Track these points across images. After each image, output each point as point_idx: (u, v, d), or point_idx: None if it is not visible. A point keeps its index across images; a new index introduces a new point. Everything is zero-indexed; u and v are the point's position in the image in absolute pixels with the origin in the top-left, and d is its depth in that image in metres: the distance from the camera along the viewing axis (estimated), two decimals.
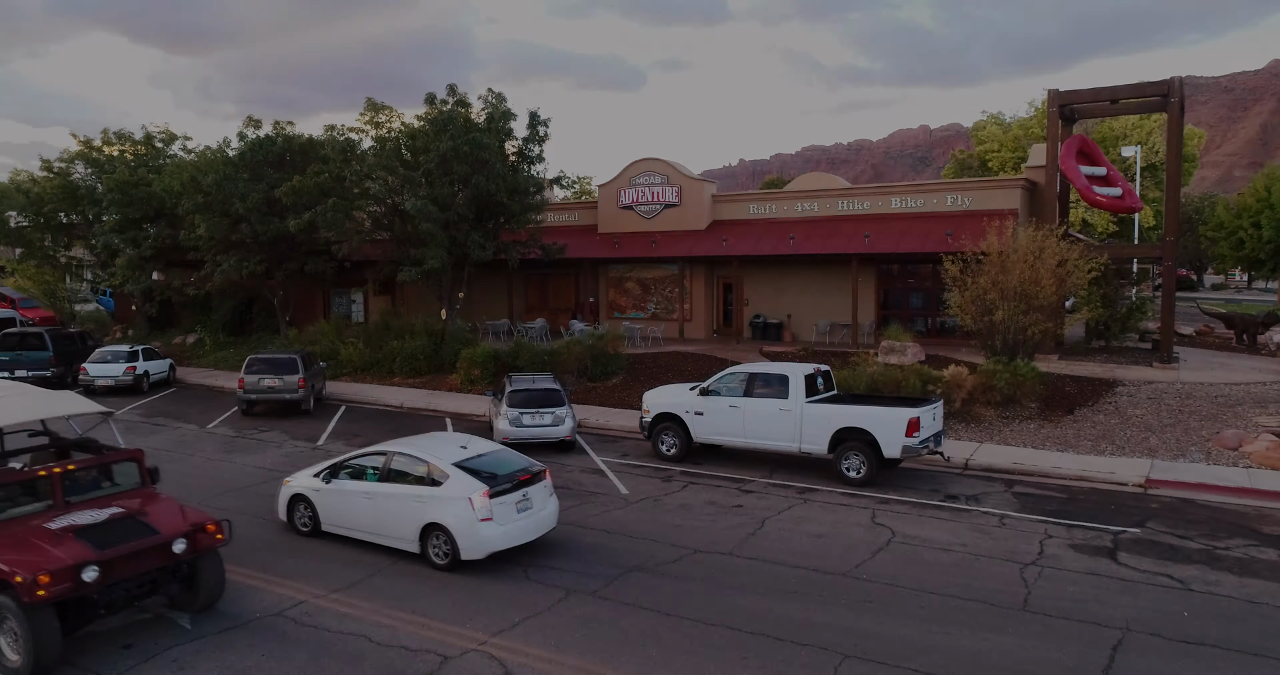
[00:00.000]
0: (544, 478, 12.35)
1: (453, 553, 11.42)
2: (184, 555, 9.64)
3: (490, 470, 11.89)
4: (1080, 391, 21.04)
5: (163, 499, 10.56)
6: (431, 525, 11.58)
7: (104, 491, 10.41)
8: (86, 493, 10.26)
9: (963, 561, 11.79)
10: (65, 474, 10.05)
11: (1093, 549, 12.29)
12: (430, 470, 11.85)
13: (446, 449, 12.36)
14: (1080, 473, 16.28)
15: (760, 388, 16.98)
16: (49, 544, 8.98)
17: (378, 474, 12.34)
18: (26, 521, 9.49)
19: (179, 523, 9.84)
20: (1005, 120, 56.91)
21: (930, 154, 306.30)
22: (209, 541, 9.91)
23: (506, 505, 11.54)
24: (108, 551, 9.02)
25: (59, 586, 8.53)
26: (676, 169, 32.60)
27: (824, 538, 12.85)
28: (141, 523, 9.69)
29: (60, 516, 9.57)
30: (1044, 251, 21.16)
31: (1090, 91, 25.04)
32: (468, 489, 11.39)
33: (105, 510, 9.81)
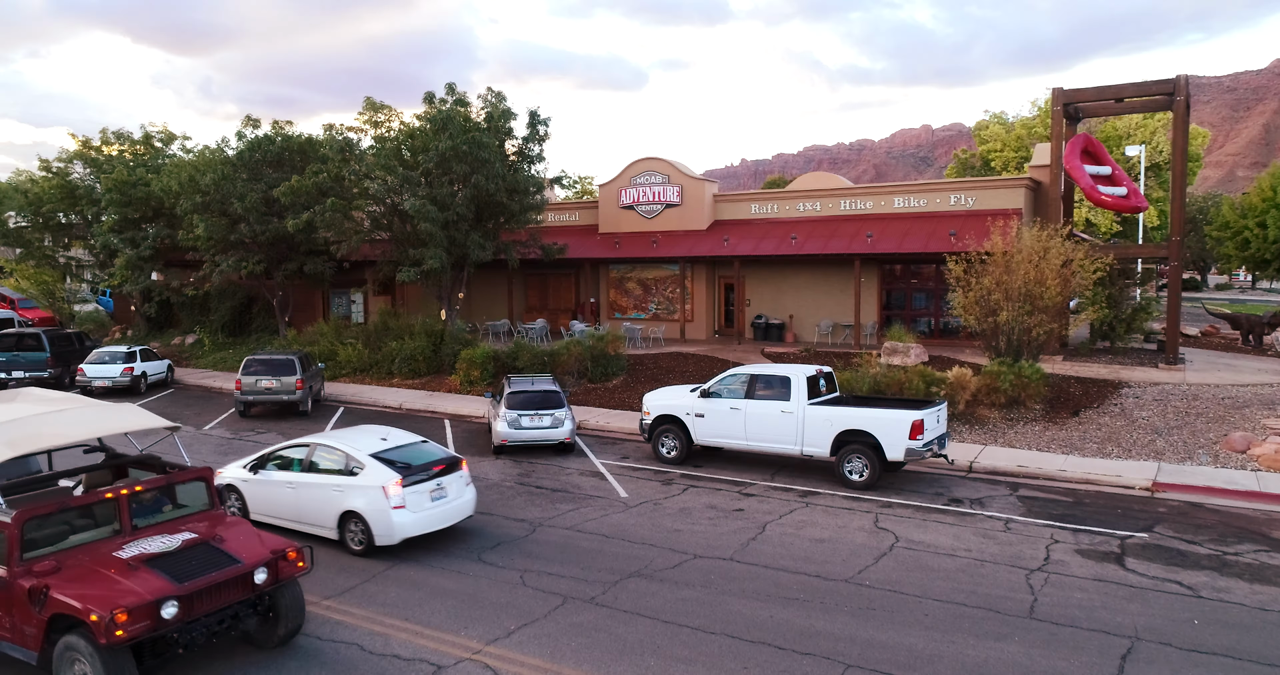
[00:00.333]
0: (460, 468, 12.97)
1: (368, 539, 12.06)
2: (265, 585, 8.81)
3: (405, 461, 12.50)
4: (1085, 393, 20.81)
5: (237, 522, 9.75)
6: (349, 513, 12.20)
7: (172, 514, 9.47)
8: (153, 516, 9.33)
9: (967, 567, 11.58)
10: (133, 496, 9.07)
11: (1100, 554, 12.07)
12: (348, 461, 12.48)
13: (366, 441, 12.96)
14: (1086, 476, 16.05)
15: (762, 389, 16.77)
16: (122, 576, 8.09)
17: (301, 465, 12.96)
18: (93, 550, 8.55)
19: (259, 549, 9.01)
20: (1008, 119, 56.71)
21: (932, 154, 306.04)
22: (290, 570, 9.07)
23: (420, 494, 12.16)
24: (187, 584, 8.17)
25: (138, 625, 7.67)
26: (677, 169, 32.39)
27: (826, 543, 12.64)
28: (219, 550, 8.83)
29: (129, 544, 8.67)
30: (1049, 252, 20.93)
31: (1095, 90, 24.80)
32: (381, 478, 12.02)
33: (177, 536, 8.94)
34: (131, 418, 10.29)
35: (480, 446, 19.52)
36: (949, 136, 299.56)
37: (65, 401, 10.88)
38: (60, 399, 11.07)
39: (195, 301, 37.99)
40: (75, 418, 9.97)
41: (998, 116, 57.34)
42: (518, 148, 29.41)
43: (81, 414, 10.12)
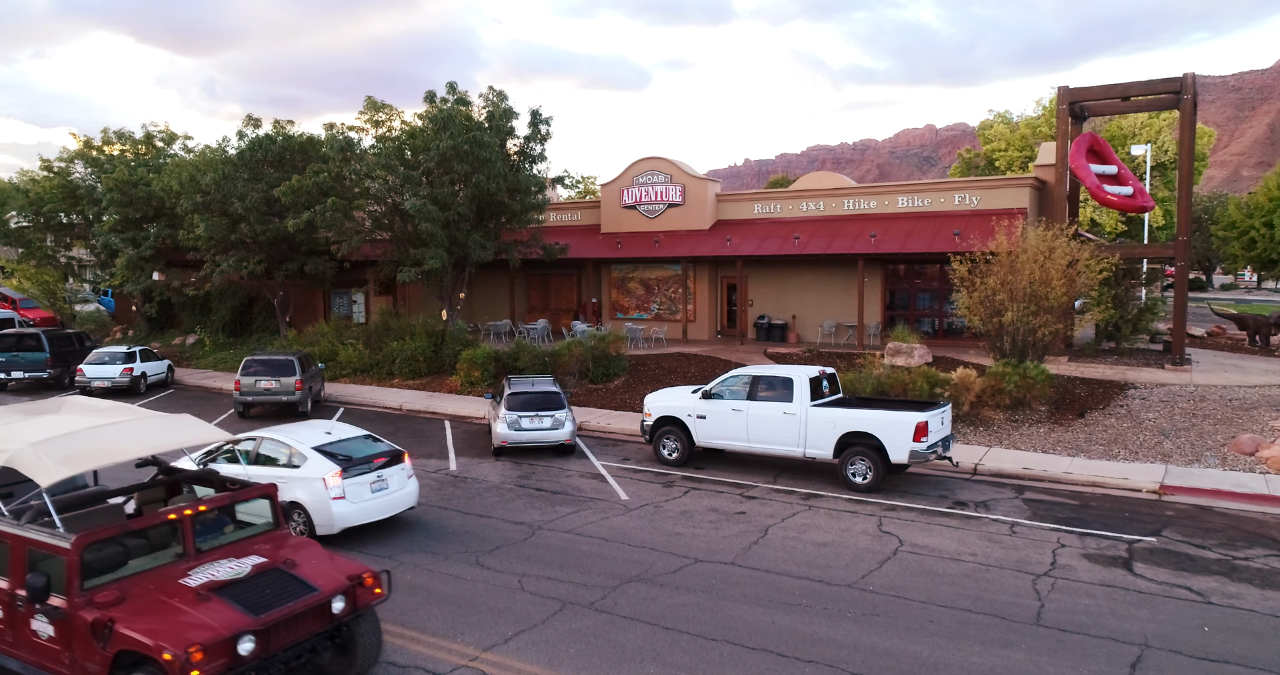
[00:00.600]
0: (401, 461, 13.41)
1: (309, 529, 12.44)
2: (342, 615, 8.08)
3: (347, 454, 13.01)
4: (1091, 394, 20.61)
5: (305, 543, 8.90)
6: (291, 504, 12.53)
7: (235, 535, 8.70)
8: (215, 537, 8.57)
9: (973, 572, 11.39)
10: (197, 516, 8.33)
11: (1107, 559, 11.88)
12: (292, 454, 12.96)
13: (310, 434, 13.46)
14: (1092, 478, 15.86)
15: (764, 391, 16.59)
16: (193, 607, 7.36)
17: (249, 458, 13.26)
18: (157, 577, 7.77)
19: (335, 575, 8.23)
20: (1013, 119, 56.48)
21: (936, 153, 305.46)
22: (368, 597, 8.32)
23: (360, 485, 12.62)
24: (263, 616, 7.42)
25: (214, 664, 6.98)
26: (680, 168, 32.21)
27: (829, 547, 12.45)
28: (293, 576, 8.04)
29: (195, 569, 7.92)
30: (1054, 251, 20.74)
31: (1101, 88, 24.58)
32: (322, 470, 12.50)
33: (245, 561, 8.17)
34: (191, 431, 9.56)
35: (481, 448, 19.36)
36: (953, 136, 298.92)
37: (116, 412, 10.02)
38: (110, 409, 10.23)
39: (196, 302, 37.88)
40: (132, 431, 9.12)
41: (1002, 116, 57.14)
42: (519, 147, 29.27)
43: (138, 427, 9.30)
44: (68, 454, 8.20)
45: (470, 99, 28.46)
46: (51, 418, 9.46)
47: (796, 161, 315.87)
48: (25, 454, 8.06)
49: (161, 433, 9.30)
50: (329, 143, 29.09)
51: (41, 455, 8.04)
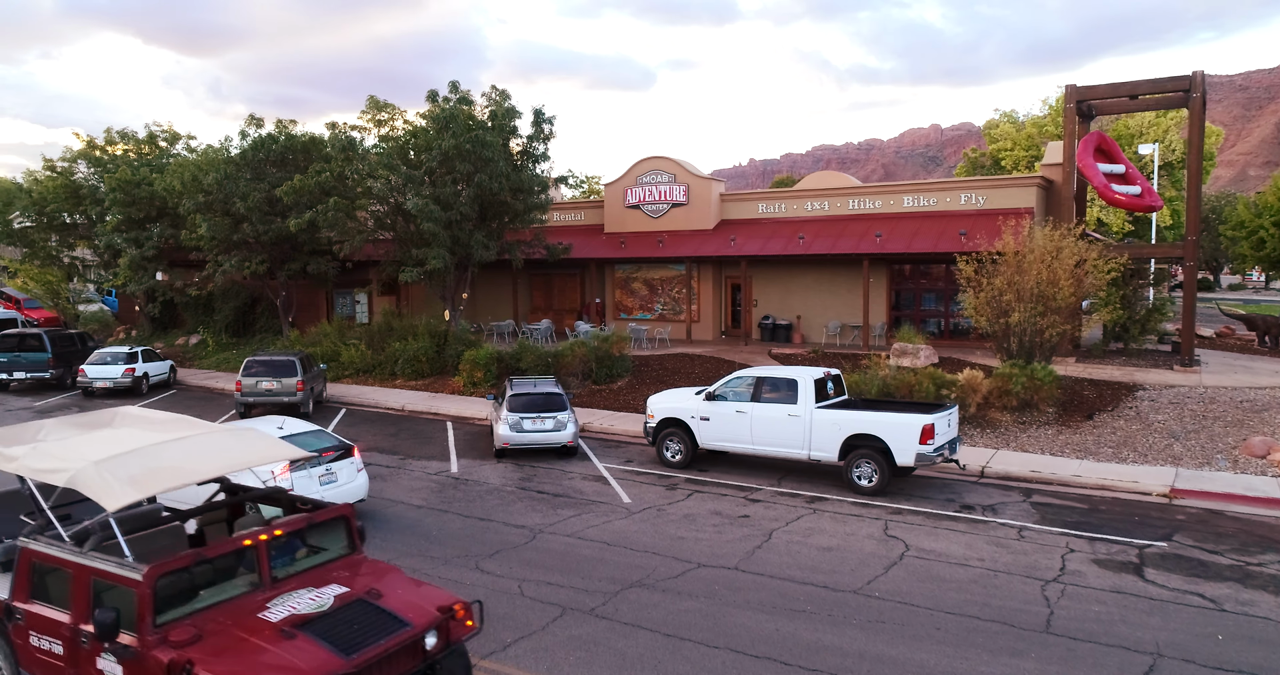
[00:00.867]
0: (351, 455, 13.89)
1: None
2: (435, 652, 7.30)
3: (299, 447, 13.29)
4: (1099, 396, 20.38)
5: (386, 568, 8.12)
6: None
7: (309, 562, 7.87)
8: (289, 564, 7.73)
9: (980, 578, 11.19)
10: (273, 542, 7.53)
11: (1117, 565, 11.67)
12: None
13: (263, 429, 13.46)
14: (1101, 481, 15.64)
15: (768, 392, 16.41)
16: (277, 646, 6.55)
17: None
18: (235, 611, 6.97)
19: (424, 606, 7.41)
20: (1019, 118, 56.17)
21: (941, 153, 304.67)
22: (460, 630, 7.57)
23: (309, 478, 12.95)
24: (356, 656, 6.61)
25: None
26: (684, 167, 32.03)
27: (834, 551, 12.26)
28: (381, 609, 7.21)
29: (274, 601, 7.11)
30: (1062, 251, 20.52)
31: (1109, 86, 24.36)
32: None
33: (326, 591, 7.33)
34: (260, 447, 8.67)
35: (482, 449, 19.20)
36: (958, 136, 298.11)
37: (175, 426, 9.11)
38: (169, 423, 9.33)
39: (199, 302, 37.82)
40: (198, 448, 8.26)
41: (1008, 115, 56.81)
42: (522, 146, 29.12)
43: (203, 443, 8.43)
44: (133, 474, 7.40)
45: (473, 98, 28.32)
46: (108, 432, 8.66)
47: (801, 161, 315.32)
48: (88, 474, 7.27)
49: (229, 450, 8.44)
50: (331, 142, 28.97)
51: (106, 476, 7.24)
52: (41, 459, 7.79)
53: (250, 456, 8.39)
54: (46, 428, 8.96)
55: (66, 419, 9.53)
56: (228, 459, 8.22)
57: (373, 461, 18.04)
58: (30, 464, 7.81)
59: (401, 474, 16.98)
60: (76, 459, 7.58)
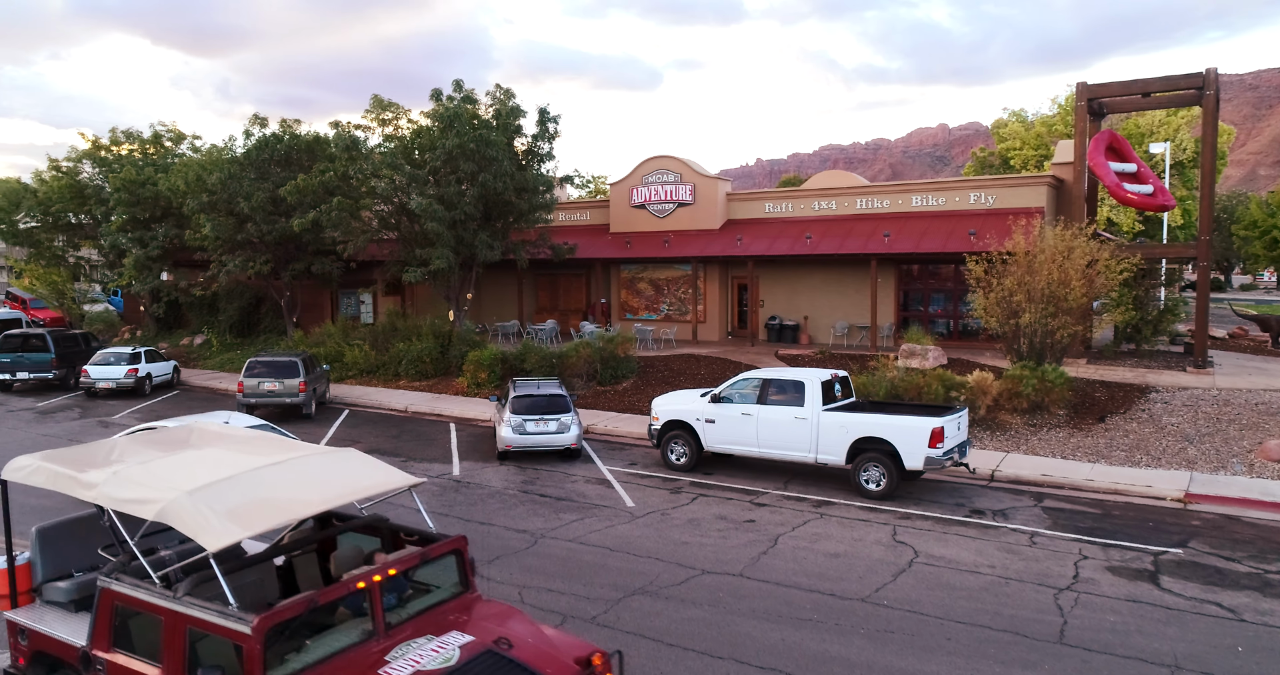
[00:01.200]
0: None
1: None
2: None
3: None
4: (1111, 398, 20.07)
5: (509, 612, 7.06)
6: None
7: (422, 603, 6.86)
8: (401, 607, 6.76)
9: (991, 585, 10.92)
10: (387, 582, 6.58)
11: (1132, 572, 11.39)
12: None
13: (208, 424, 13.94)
14: (1114, 486, 15.34)
15: (774, 394, 16.15)
16: None
17: None
18: (350, 665, 6.01)
19: (559, 658, 6.43)
20: (1028, 117, 55.76)
21: (949, 153, 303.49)
22: None
23: None
24: None
25: None
26: (690, 167, 31.78)
27: (841, 557, 12.00)
28: (515, 663, 6.19)
29: (393, 654, 6.12)
30: (1073, 251, 20.21)
31: (1120, 84, 24.03)
32: None
33: (448, 640, 6.33)
34: (370, 474, 7.49)
35: (484, 452, 18.99)
36: (966, 136, 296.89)
37: (263, 446, 8.12)
38: (254, 441, 8.38)
39: (204, 302, 37.72)
40: (301, 475, 7.18)
41: (1017, 114, 56.42)
42: (527, 146, 28.92)
43: (306, 469, 7.30)
44: (234, 508, 6.37)
45: (477, 97, 28.13)
46: (192, 454, 7.66)
47: (809, 161, 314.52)
48: (183, 507, 6.28)
49: (337, 477, 7.30)
50: (335, 142, 28.80)
51: (204, 509, 6.25)
52: (125, 487, 6.76)
53: (364, 484, 7.22)
54: (119, 447, 7.97)
55: (140, 436, 8.58)
56: (339, 488, 7.05)
57: None
58: (112, 493, 6.74)
59: None
60: (165, 488, 6.60)
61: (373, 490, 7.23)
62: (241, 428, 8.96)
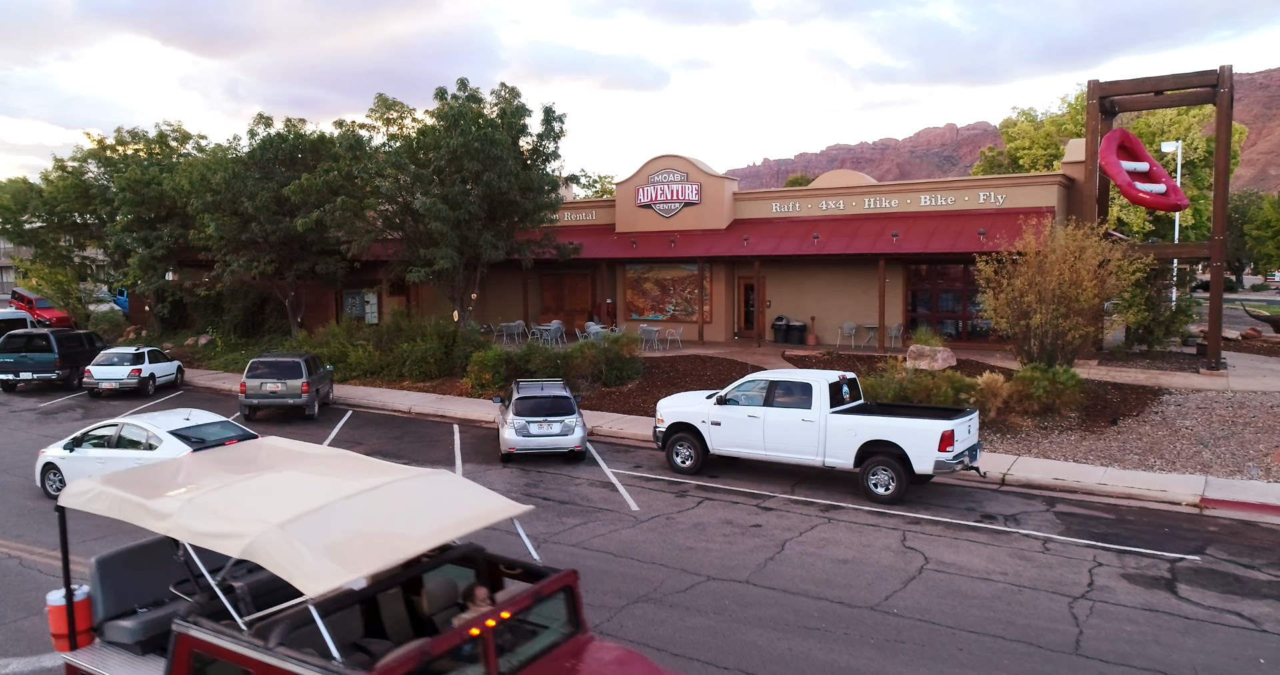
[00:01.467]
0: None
1: None
2: None
3: (201, 436, 14.58)
4: (1124, 400, 19.77)
5: (627, 656, 6.36)
6: None
7: (535, 648, 6.16)
8: (513, 653, 6.05)
9: (1004, 593, 10.66)
10: (501, 627, 5.88)
11: (1148, 580, 11.11)
12: (149, 436, 14.44)
13: (169, 420, 14.96)
14: (1128, 490, 15.05)
15: (781, 397, 15.90)
16: None
17: (110, 442, 14.76)
18: None
19: None
20: (1037, 117, 55.36)
21: (957, 153, 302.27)
22: None
23: None
24: None
25: None
26: (696, 166, 31.53)
27: (850, 564, 11.75)
28: None
29: None
30: (1085, 251, 19.92)
31: (1133, 82, 23.70)
32: (175, 451, 13.87)
33: None
34: (476, 501, 6.65)
35: (488, 453, 18.78)
36: (973, 135, 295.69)
37: (345, 465, 7.38)
38: (333, 460, 7.55)
39: (208, 302, 37.61)
40: (404, 502, 6.34)
41: (1026, 113, 56.03)
42: (532, 145, 28.70)
43: (407, 494, 6.47)
44: (333, 545, 5.54)
45: (482, 96, 27.91)
46: (272, 479, 6.78)
47: (816, 161, 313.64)
48: (274, 544, 5.45)
49: (439, 505, 6.41)
50: (339, 141, 28.63)
51: (299, 547, 5.43)
52: (203, 518, 5.95)
53: (470, 514, 6.29)
54: (185, 468, 7.24)
55: (206, 456, 7.82)
56: (444, 519, 6.13)
57: None
58: (189, 525, 5.92)
59: None
60: (250, 519, 5.77)
61: (480, 521, 6.28)
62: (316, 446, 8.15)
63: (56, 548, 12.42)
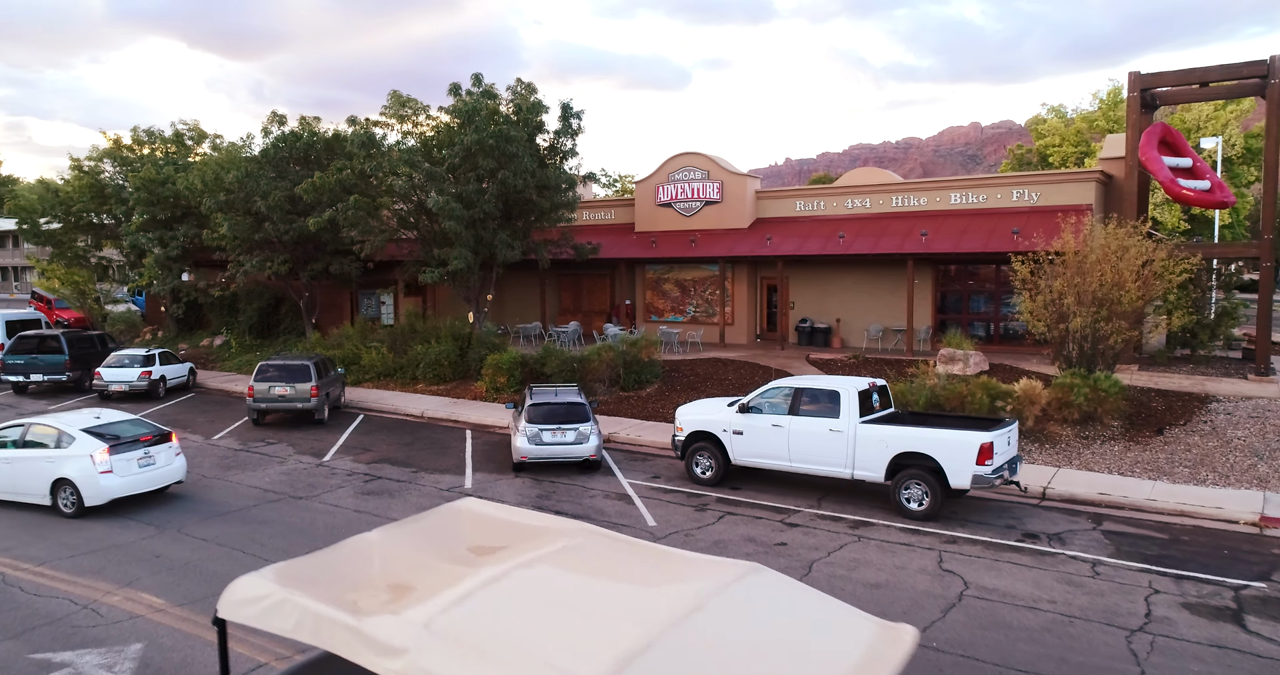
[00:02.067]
0: (169, 440, 15.10)
1: (78, 501, 13.94)
2: None
3: (115, 434, 14.56)
4: (1169, 408, 18.74)
5: None
6: (60, 480, 14.02)
7: None
8: None
9: (1054, 625, 9.75)
10: None
11: (1212, 610, 10.16)
12: (60, 436, 14.35)
13: (79, 418, 14.94)
14: (1180, 507, 14.06)
15: (807, 405, 15.03)
16: None
17: (16, 443, 14.59)
18: None
19: None
20: (1067, 113, 54.02)
21: (981, 151, 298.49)
22: None
23: (128, 461, 14.26)
24: None
25: None
26: (718, 164, 30.67)
27: (883, 589, 10.88)
28: None
29: None
30: (1128, 251, 18.89)
31: (1176, 74, 22.59)
32: (90, 448, 14.02)
33: None
34: (842, 632, 4.68)
35: (500, 461, 18.04)
36: (998, 134, 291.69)
37: (602, 549, 5.51)
38: (581, 541, 5.53)
39: (223, 302, 37.19)
40: (743, 630, 4.47)
41: (1056, 110, 54.70)
42: (549, 142, 27.95)
43: (739, 614, 4.60)
44: None
45: (497, 92, 27.18)
46: (524, 577, 4.87)
47: (838, 160, 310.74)
48: None
49: (793, 637, 4.52)
50: (351, 139, 28.02)
51: None
52: (462, 663, 4.08)
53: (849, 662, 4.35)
54: (379, 550, 5.45)
55: (398, 532, 5.84)
56: (812, 666, 4.25)
57: (382, 474, 16.98)
58: (436, 668, 4.10)
59: (410, 490, 15.85)
60: (541, 666, 3.97)
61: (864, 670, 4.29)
62: (532, 514, 6.24)
63: (32, 561, 11.81)
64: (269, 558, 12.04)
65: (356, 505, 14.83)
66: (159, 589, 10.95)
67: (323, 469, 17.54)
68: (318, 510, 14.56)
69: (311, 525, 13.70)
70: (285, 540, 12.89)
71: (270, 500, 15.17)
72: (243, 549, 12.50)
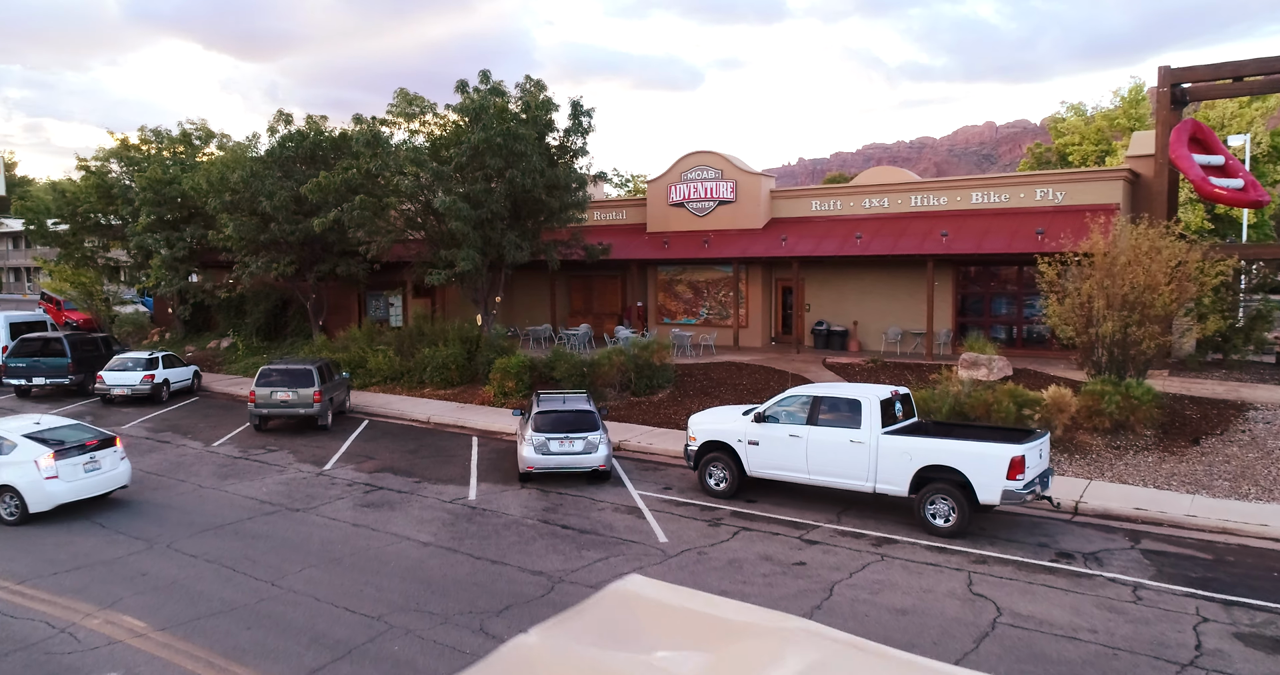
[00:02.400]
0: (114, 445, 14.87)
1: (21, 508, 13.64)
2: None
3: (59, 439, 14.28)
4: (1204, 416, 17.91)
5: None
6: (2, 487, 13.66)
7: None
8: None
9: (1096, 658, 9.03)
10: None
11: (1269, 642, 9.41)
12: (2, 442, 13.92)
13: (19, 424, 14.71)
14: (1222, 524, 13.29)
15: (826, 414, 14.33)
16: None
17: None
18: None
19: None
20: (1087, 111, 53.01)
21: (996, 151, 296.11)
22: None
23: (74, 466, 13.98)
24: None
25: None
26: (731, 163, 29.96)
27: (910, 615, 10.17)
28: None
29: None
30: (1161, 252, 18.08)
31: (1209, 67, 21.77)
32: (34, 454, 13.69)
33: None
34: None
35: (506, 471, 17.40)
36: (1013, 133, 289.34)
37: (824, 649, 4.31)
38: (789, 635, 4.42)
39: (230, 304, 36.74)
40: None
41: (1076, 108, 53.67)
42: (559, 141, 27.31)
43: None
44: None
45: (505, 89, 26.57)
46: None
47: (852, 160, 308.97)
48: None
49: None
50: (356, 137, 27.46)
51: None
52: None
53: None
54: (541, 662, 4.39)
55: (562, 634, 4.66)
56: None
57: (383, 484, 16.38)
58: None
59: (413, 501, 15.24)
60: None
61: None
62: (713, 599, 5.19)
63: (12, 578, 11.25)
64: (260, 577, 11.46)
65: (354, 518, 14.22)
66: (142, 611, 10.37)
67: (323, 478, 16.95)
68: (314, 523, 13.97)
69: (307, 540, 13.11)
70: (278, 557, 12.30)
71: (266, 512, 14.59)
72: (234, 567, 11.91)
